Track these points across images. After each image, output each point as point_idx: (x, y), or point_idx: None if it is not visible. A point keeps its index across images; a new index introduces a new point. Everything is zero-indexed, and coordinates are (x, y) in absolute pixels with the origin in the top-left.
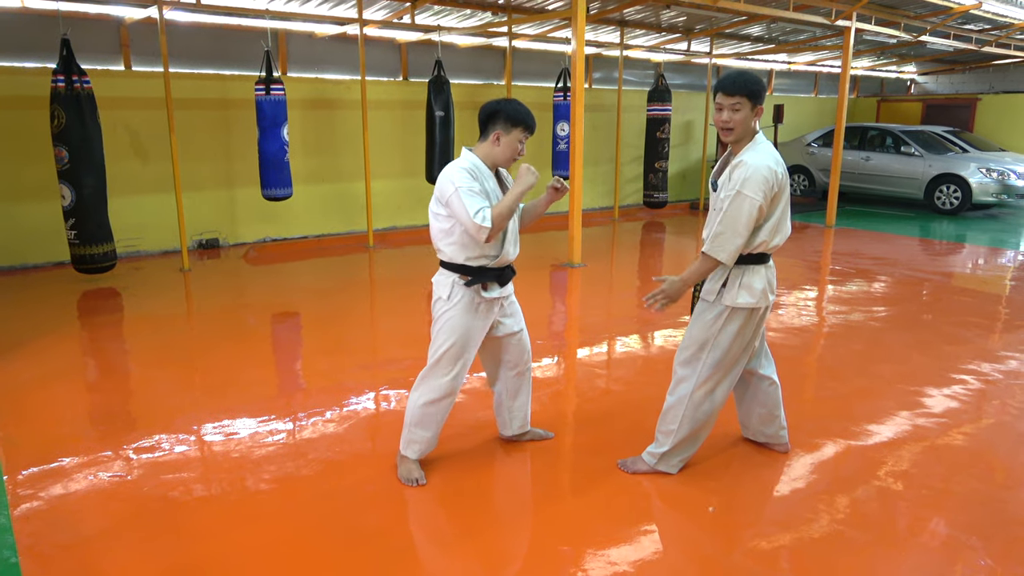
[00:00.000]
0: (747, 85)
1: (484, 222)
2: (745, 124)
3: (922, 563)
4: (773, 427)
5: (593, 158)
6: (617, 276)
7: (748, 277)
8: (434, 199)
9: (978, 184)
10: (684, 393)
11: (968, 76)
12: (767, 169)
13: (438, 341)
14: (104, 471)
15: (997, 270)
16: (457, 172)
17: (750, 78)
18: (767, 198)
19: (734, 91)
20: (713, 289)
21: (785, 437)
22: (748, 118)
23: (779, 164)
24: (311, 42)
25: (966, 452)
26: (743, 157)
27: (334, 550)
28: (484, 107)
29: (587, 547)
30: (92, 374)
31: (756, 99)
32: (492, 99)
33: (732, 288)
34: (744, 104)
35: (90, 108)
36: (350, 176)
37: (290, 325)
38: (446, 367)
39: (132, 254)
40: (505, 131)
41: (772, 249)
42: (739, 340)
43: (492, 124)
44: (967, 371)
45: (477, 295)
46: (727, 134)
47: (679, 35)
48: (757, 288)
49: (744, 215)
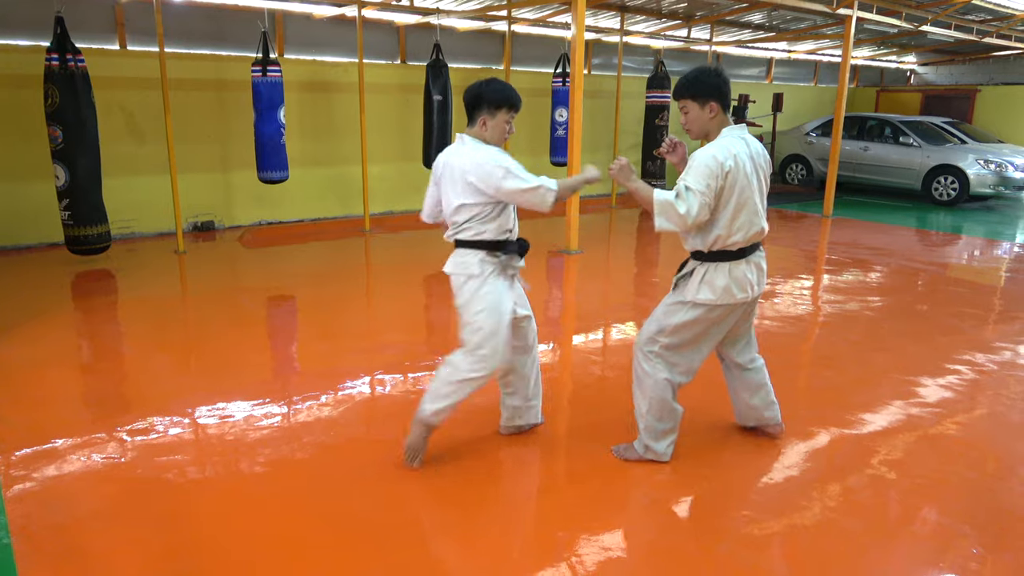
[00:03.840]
0: (687, 87)
1: (552, 186)
2: (699, 123)
3: (914, 551)
4: (762, 406)
5: (591, 144)
6: (614, 263)
7: (711, 274)
8: (468, 187)
9: (976, 175)
10: (640, 374)
11: (968, 67)
12: (710, 158)
13: (478, 319)
14: (98, 453)
15: (993, 261)
16: (498, 155)
17: (690, 78)
18: (710, 188)
19: (677, 96)
20: (683, 280)
21: (777, 416)
22: (699, 116)
23: (730, 157)
24: (309, 23)
25: (959, 442)
26: (696, 151)
27: (328, 533)
28: (467, 92)
29: (582, 532)
30: (86, 356)
31: (700, 97)
32: (473, 82)
33: (694, 282)
34: (690, 105)
35: (84, 87)
36: (347, 160)
37: (286, 309)
38: (490, 342)
39: (127, 236)
40: (490, 115)
41: (733, 245)
42: (693, 330)
43: (477, 110)
44: (961, 361)
45: (509, 265)
46: (688, 133)
47: (679, 22)
48: (719, 285)
49: (681, 202)
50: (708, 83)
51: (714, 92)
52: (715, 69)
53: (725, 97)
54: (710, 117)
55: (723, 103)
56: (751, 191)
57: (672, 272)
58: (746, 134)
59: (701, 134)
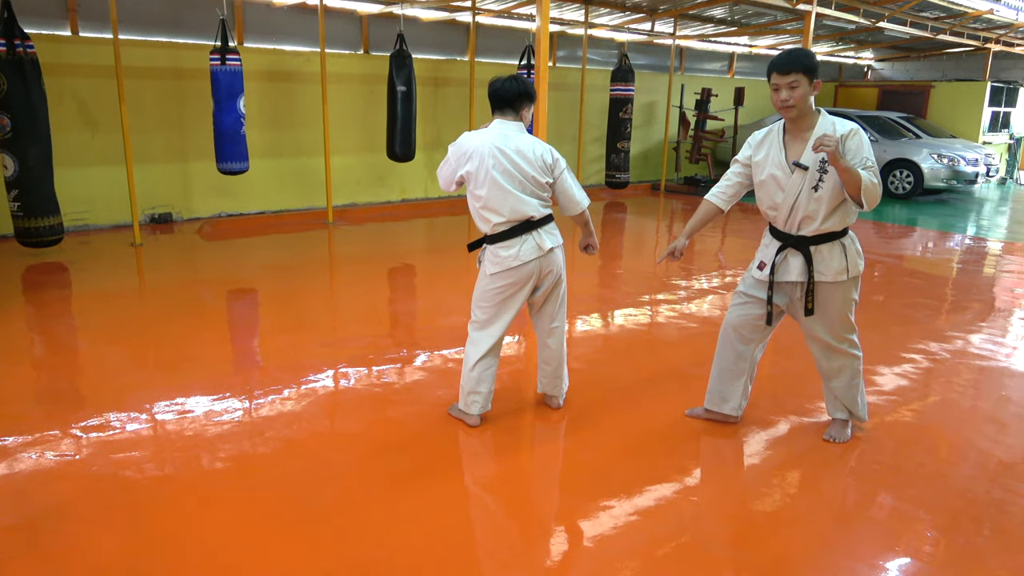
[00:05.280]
0: (799, 61)
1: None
2: (805, 100)
3: (871, 535)
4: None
5: (556, 137)
6: (578, 255)
7: (856, 244)
8: (544, 166)
9: (930, 170)
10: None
11: (922, 64)
12: (865, 136)
13: (565, 284)
14: (51, 451)
15: (946, 253)
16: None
17: (800, 53)
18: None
19: (789, 69)
20: (825, 263)
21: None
22: (807, 93)
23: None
24: (269, 11)
25: (914, 428)
26: (850, 126)
27: (290, 529)
28: (512, 85)
29: (553, 524)
30: (38, 351)
31: (813, 73)
32: (505, 77)
33: (851, 256)
34: (801, 80)
35: (34, 75)
36: (309, 151)
37: (247, 302)
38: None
39: (80, 228)
40: (529, 109)
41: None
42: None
43: (523, 102)
44: (916, 350)
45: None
46: (788, 111)
47: (643, 15)
48: (861, 251)
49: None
50: (815, 62)
51: (818, 70)
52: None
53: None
54: (814, 94)
55: (818, 83)
56: None
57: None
58: None
59: (803, 111)
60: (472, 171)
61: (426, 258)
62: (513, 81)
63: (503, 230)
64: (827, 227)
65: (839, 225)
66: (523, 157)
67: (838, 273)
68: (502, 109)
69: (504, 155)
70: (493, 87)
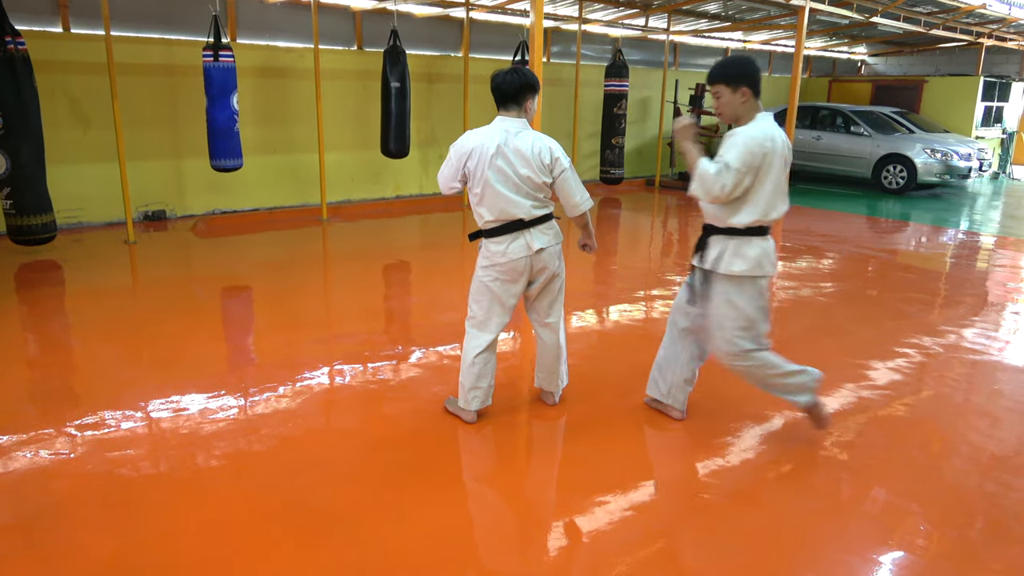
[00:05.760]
0: (720, 72)
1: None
2: (731, 106)
3: (865, 529)
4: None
5: (550, 133)
6: (573, 252)
7: (744, 247)
8: (541, 166)
9: (923, 164)
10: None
11: (916, 58)
12: (750, 138)
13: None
14: (45, 449)
15: (939, 248)
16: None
17: (724, 63)
18: (747, 165)
19: (711, 81)
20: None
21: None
22: (731, 100)
23: (768, 139)
24: (262, 7)
25: (907, 423)
26: (738, 131)
27: (287, 525)
28: (514, 79)
29: (549, 520)
30: (32, 349)
31: (733, 82)
32: (506, 70)
33: (725, 257)
34: (723, 90)
35: (25, 71)
36: (303, 147)
37: (241, 299)
38: None
39: (73, 225)
40: (533, 100)
41: (764, 222)
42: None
43: (526, 94)
44: (909, 344)
45: None
46: (720, 116)
47: (637, 10)
48: (751, 256)
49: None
50: (740, 68)
51: (745, 77)
52: (747, 57)
53: (756, 84)
54: (741, 101)
55: (754, 89)
56: (781, 174)
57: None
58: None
59: (732, 118)
60: (471, 168)
61: (421, 254)
62: (515, 74)
63: (493, 227)
64: (708, 220)
65: (717, 221)
66: (520, 157)
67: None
68: (505, 104)
69: (501, 155)
70: (495, 82)
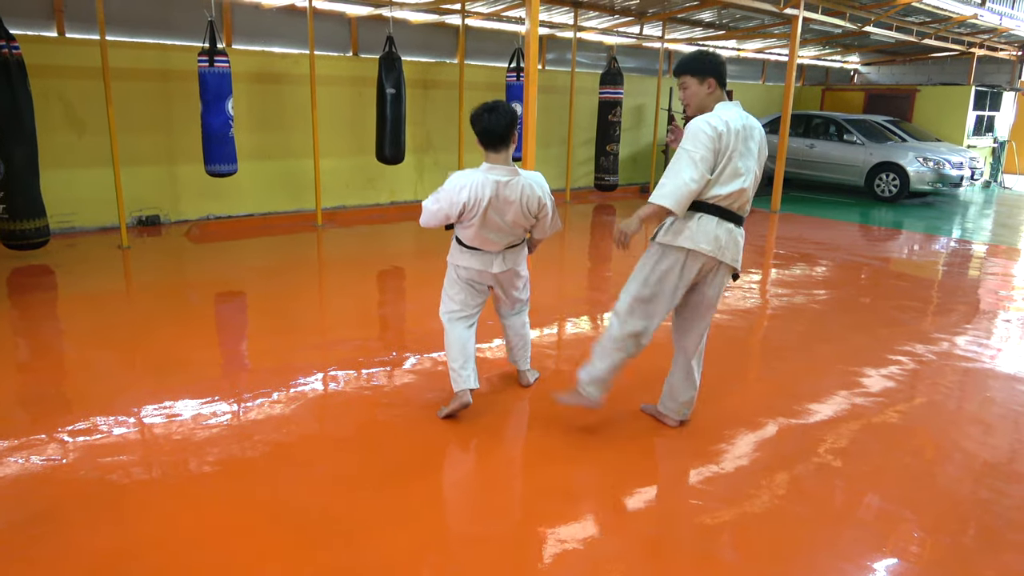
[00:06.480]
0: (687, 64)
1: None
2: (698, 97)
3: (859, 536)
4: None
5: (545, 140)
6: (568, 258)
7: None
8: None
9: (915, 173)
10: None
11: (908, 67)
12: (703, 123)
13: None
14: (37, 455)
15: (931, 256)
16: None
17: (689, 57)
18: (707, 149)
19: (677, 72)
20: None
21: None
22: (698, 92)
23: (722, 124)
24: (258, 13)
25: (900, 430)
26: (702, 118)
27: (280, 532)
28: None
29: (538, 525)
30: (24, 355)
31: (699, 73)
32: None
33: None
34: (689, 81)
35: (20, 76)
36: (298, 153)
37: (235, 305)
38: None
39: (67, 230)
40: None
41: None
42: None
43: (512, 131)
44: (902, 352)
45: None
46: (687, 108)
47: (632, 18)
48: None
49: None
50: (706, 61)
51: (711, 70)
52: (712, 52)
53: (722, 76)
54: (707, 93)
55: (720, 81)
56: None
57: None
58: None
59: (699, 108)
60: (462, 216)
61: (415, 261)
62: (497, 113)
63: (465, 245)
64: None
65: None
66: (510, 206)
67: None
68: (495, 147)
69: (492, 207)
70: (482, 125)
